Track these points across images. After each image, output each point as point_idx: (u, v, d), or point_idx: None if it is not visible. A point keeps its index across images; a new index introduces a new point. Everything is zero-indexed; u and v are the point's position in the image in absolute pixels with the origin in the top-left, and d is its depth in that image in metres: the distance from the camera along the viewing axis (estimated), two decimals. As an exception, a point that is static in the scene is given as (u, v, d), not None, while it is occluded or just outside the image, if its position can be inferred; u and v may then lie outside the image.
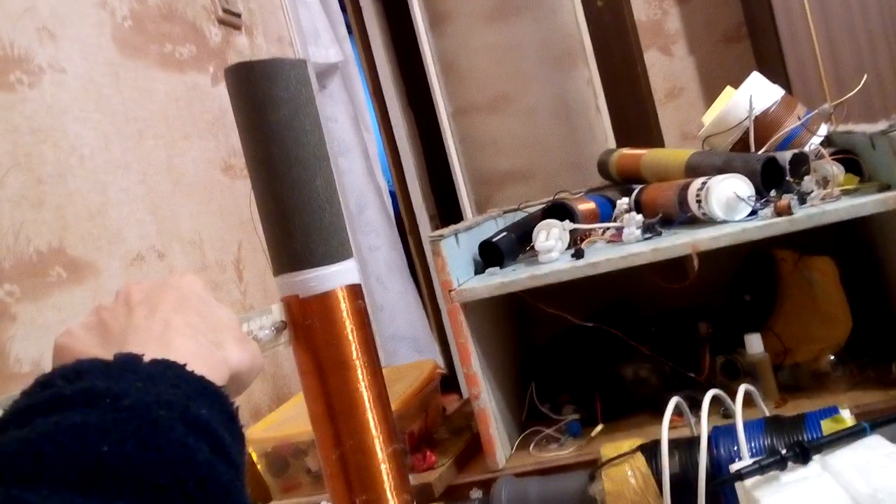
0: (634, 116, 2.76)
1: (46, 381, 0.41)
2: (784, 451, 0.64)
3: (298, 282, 0.61)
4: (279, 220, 0.61)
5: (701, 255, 1.33)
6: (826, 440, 0.65)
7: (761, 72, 1.38)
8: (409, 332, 2.73)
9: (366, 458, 0.63)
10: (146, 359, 0.44)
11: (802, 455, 0.64)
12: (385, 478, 0.64)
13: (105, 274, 1.20)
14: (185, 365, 0.45)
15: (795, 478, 0.63)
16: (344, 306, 0.63)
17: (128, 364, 0.44)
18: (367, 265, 2.61)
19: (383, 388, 0.65)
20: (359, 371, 0.63)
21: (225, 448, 0.43)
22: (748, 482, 0.63)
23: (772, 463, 0.63)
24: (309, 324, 0.62)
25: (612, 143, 2.69)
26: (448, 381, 1.84)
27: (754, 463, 0.63)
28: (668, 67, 2.98)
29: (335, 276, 0.62)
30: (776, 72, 2.28)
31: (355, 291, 0.64)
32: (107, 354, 0.44)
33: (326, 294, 0.62)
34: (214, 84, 1.62)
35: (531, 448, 1.23)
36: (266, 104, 0.60)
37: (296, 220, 0.60)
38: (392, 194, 3.09)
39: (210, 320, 0.53)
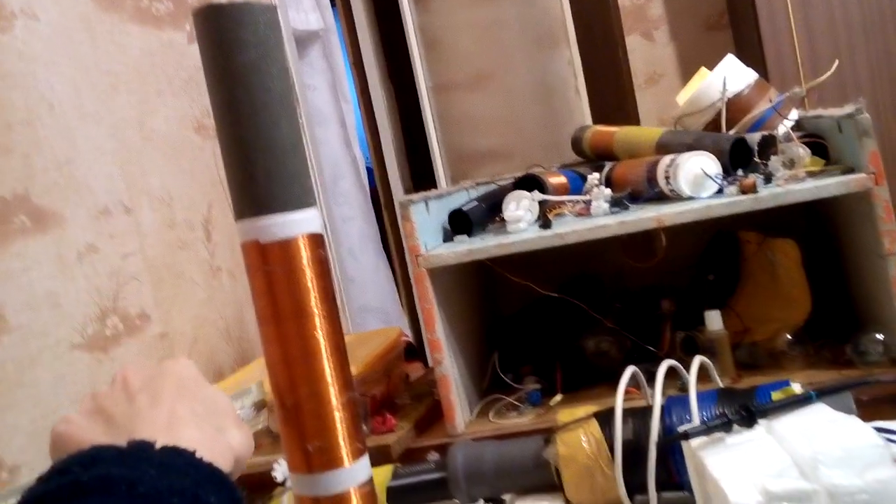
0: (613, 100, 2.77)
1: (63, 468, 0.42)
2: (731, 415, 0.65)
3: (260, 227, 0.61)
4: (242, 164, 0.61)
5: (668, 235, 1.35)
6: (772, 406, 0.67)
7: (740, 60, 1.39)
8: (379, 305, 2.74)
9: (320, 406, 0.64)
10: (157, 446, 0.46)
11: (748, 418, 0.65)
12: (338, 425, 0.64)
13: (71, 225, 1.19)
14: (194, 452, 0.47)
15: (740, 440, 0.64)
16: (305, 254, 0.63)
17: (142, 452, 0.45)
18: (339, 236, 2.61)
19: (341, 338, 0.66)
20: (317, 319, 0.64)
21: None
22: (694, 442, 0.65)
23: (718, 425, 0.64)
24: (269, 270, 0.62)
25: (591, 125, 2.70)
26: (414, 352, 1.85)
27: (701, 424, 0.64)
28: (649, 53, 2.99)
29: (297, 224, 0.62)
30: (755, 61, 2.30)
31: (317, 241, 0.64)
32: (113, 442, 0.45)
33: (287, 241, 0.62)
34: (190, 42, 1.60)
35: (491, 415, 1.25)
36: (233, 47, 0.59)
37: (259, 165, 0.60)
38: (369, 169, 3.08)
39: (210, 406, 0.55)
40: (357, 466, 0.65)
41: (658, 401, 0.88)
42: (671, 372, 0.96)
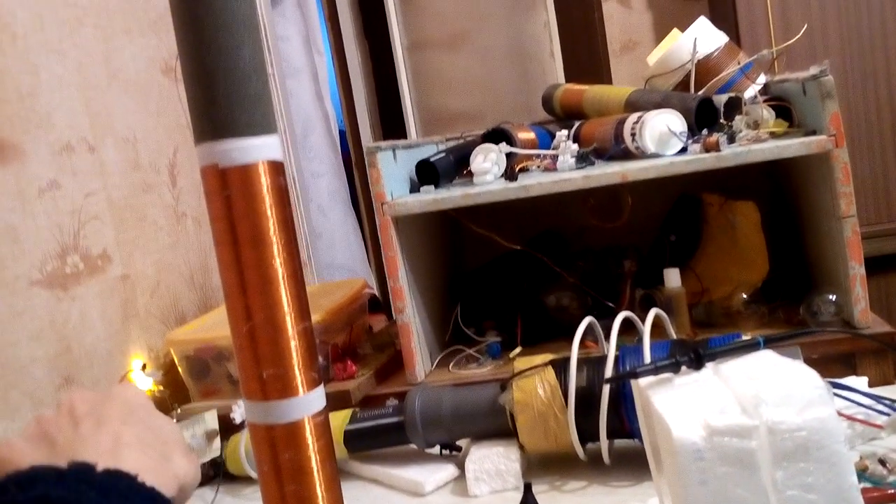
0: (588, 64, 2.77)
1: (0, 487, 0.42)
2: (679, 358, 0.67)
3: (219, 151, 0.61)
4: (203, 86, 0.60)
5: (634, 197, 1.36)
6: (720, 350, 0.68)
7: (714, 26, 1.40)
8: (347, 262, 2.73)
9: (275, 333, 0.64)
10: (99, 469, 0.45)
11: (696, 361, 0.67)
12: (293, 353, 0.65)
13: (32, 159, 1.17)
14: (136, 476, 0.46)
15: (688, 381, 0.66)
16: (264, 181, 0.63)
17: (81, 474, 0.44)
18: (308, 191, 2.59)
19: (298, 267, 0.66)
20: (274, 247, 0.64)
21: None
22: (643, 382, 0.66)
23: (667, 365, 0.66)
24: (227, 195, 0.62)
25: (563, 90, 2.70)
26: (379, 305, 1.86)
27: (650, 363, 0.65)
28: (625, 19, 2.99)
29: (257, 149, 0.62)
30: (728, 27, 2.31)
31: (277, 168, 0.64)
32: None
33: (247, 166, 0.62)
34: (160, -19, 1.57)
35: (451, 366, 1.26)
36: (196, -35, 0.59)
37: (220, 87, 0.60)
38: (342, 132, 3.05)
39: (157, 433, 0.54)
40: (312, 396, 0.66)
41: (613, 348, 0.89)
42: (630, 328, 0.97)
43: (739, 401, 0.61)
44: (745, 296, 1.18)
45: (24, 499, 0.41)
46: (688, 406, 0.61)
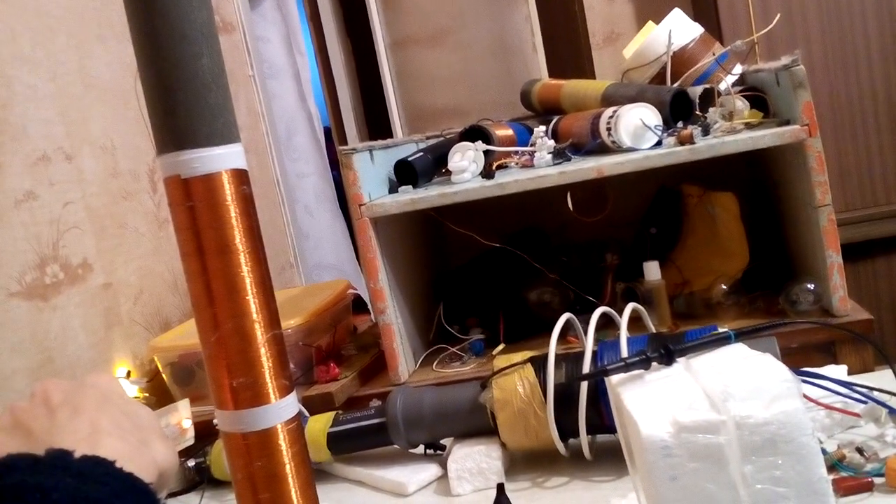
0: (570, 58, 2.77)
1: None
2: (650, 354, 0.67)
3: (180, 161, 0.61)
4: (163, 97, 0.60)
5: (616, 190, 1.36)
6: (690, 345, 0.68)
7: (695, 20, 1.40)
8: (335, 262, 2.73)
9: (244, 342, 0.64)
10: (76, 455, 0.44)
11: (667, 356, 0.67)
12: (263, 361, 0.65)
13: (7, 171, 1.17)
14: (114, 462, 0.45)
15: (658, 376, 0.66)
16: (228, 190, 0.63)
17: (58, 460, 0.44)
18: (294, 192, 2.59)
19: (267, 275, 0.66)
20: (241, 256, 0.64)
21: None
22: (614, 379, 0.66)
23: (637, 362, 0.66)
24: (191, 205, 0.62)
25: (546, 84, 2.70)
26: (364, 305, 1.86)
27: (620, 360, 0.66)
28: (607, 11, 2.98)
29: (219, 159, 0.62)
30: (709, 17, 2.31)
31: (241, 176, 0.64)
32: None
33: (210, 176, 0.62)
34: (134, -13, 1.56)
35: (434, 365, 1.26)
36: (152, -25, 0.58)
37: (179, 98, 0.60)
38: (327, 130, 3.05)
39: (134, 420, 0.53)
40: (283, 403, 0.66)
41: (590, 344, 0.90)
42: (612, 321, 0.97)
43: (708, 396, 0.61)
44: (724, 287, 1.18)
45: (1, 486, 0.40)
46: (657, 402, 0.61)
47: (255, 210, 0.65)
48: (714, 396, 0.60)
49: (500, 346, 1.25)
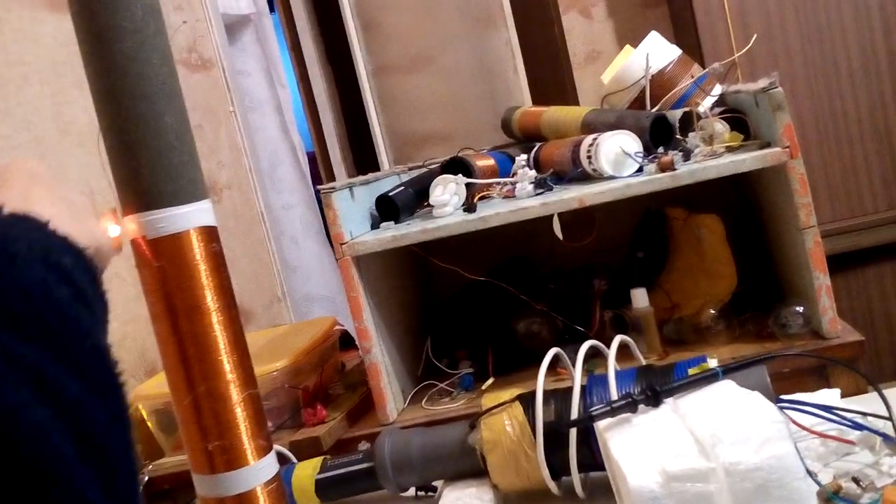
0: (552, 79, 2.77)
1: None
2: (636, 395, 0.65)
3: (146, 222, 0.59)
4: (125, 157, 0.59)
5: (603, 215, 1.35)
6: (677, 384, 0.67)
7: (676, 37, 1.40)
8: (325, 293, 2.71)
9: (219, 404, 0.62)
10: (5, 212, 0.42)
11: (654, 398, 0.66)
12: (240, 422, 0.63)
13: (-19, 223, 1.15)
14: (47, 223, 0.43)
15: (645, 420, 0.64)
16: (197, 248, 0.61)
17: None
18: (280, 224, 2.57)
19: (240, 333, 0.64)
20: (213, 315, 0.62)
21: (87, 299, 0.41)
22: (601, 424, 0.65)
23: (623, 405, 0.64)
24: (159, 266, 0.61)
25: (529, 105, 2.69)
26: (352, 340, 1.83)
27: (606, 405, 0.64)
28: (587, 30, 2.98)
29: (186, 217, 0.60)
30: (689, 36, 2.31)
31: (209, 234, 0.62)
32: None
33: (177, 235, 0.60)
34: (109, 30, 1.55)
35: (423, 402, 1.24)
36: (110, 34, 0.57)
37: (142, 158, 0.58)
38: (311, 155, 3.04)
39: (66, 195, 0.51)
40: (262, 464, 0.64)
41: (578, 381, 0.88)
42: (600, 351, 0.96)
43: (697, 440, 0.60)
44: (713, 311, 1.17)
45: None
46: (644, 450, 0.60)
47: (225, 266, 0.64)
48: (703, 441, 0.59)
49: (490, 381, 1.23)
